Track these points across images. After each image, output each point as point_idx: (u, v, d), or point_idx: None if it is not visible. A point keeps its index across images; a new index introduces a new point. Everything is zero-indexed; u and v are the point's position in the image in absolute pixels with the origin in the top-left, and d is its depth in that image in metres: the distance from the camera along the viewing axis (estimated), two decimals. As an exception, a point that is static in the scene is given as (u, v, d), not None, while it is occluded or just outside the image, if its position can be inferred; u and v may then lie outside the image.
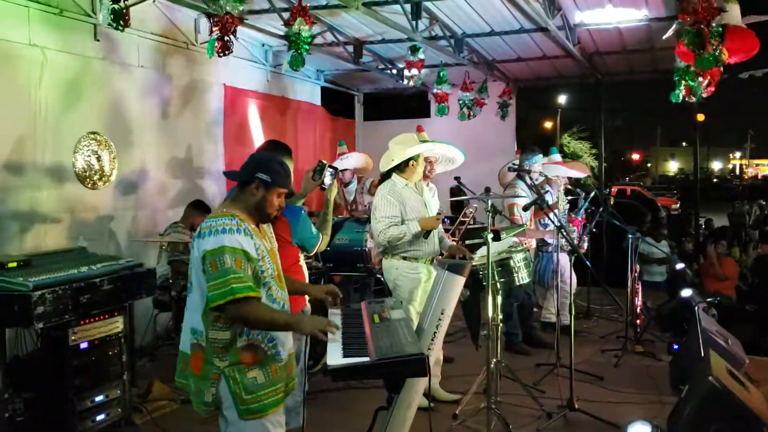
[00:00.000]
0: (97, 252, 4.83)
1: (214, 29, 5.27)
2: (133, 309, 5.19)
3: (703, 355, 4.60)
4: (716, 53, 4.96)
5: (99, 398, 4.19)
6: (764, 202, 23.38)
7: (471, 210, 7.63)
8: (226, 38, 5.27)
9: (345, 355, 2.66)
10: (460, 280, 3.48)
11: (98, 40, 6.00)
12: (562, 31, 7.21)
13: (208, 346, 2.73)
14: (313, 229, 3.82)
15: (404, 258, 4.94)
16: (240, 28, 5.45)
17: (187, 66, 7.20)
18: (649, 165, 76.11)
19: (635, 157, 71.91)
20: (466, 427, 4.48)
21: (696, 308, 5.47)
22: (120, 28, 5.21)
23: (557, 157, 7.16)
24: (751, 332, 9.01)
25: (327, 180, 3.96)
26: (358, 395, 5.06)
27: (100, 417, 4.19)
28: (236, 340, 2.72)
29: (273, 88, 8.72)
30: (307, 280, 3.78)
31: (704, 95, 6.00)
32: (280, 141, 4.05)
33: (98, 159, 5.61)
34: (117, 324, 4.35)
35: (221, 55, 5.39)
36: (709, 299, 6.66)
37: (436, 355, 4.91)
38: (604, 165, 11.98)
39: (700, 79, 5.71)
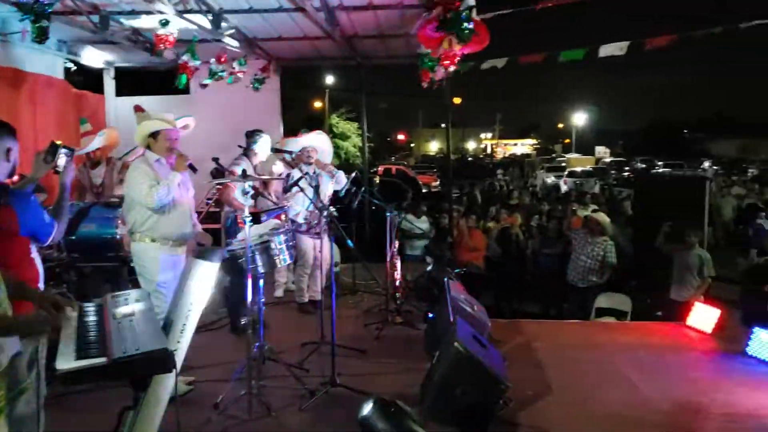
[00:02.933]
0: None
1: None
2: None
3: (451, 322, 4.95)
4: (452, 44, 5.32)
5: None
6: (505, 176, 25.94)
7: None
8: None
9: (78, 357, 2.42)
10: (212, 267, 3.36)
11: None
12: (320, 12, 7.25)
13: None
14: (46, 217, 3.42)
15: (153, 240, 4.73)
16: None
17: None
18: (412, 145, 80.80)
19: (400, 137, 75.92)
20: (228, 415, 4.38)
21: (445, 279, 5.88)
22: None
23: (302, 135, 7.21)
24: (493, 298, 9.97)
25: (61, 162, 3.57)
26: (108, 395, 4.71)
27: None
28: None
29: (1, 59, 7.72)
30: (42, 275, 3.38)
31: (439, 80, 6.38)
32: (-2, 119, 3.55)
33: None
34: None
35: None
36: (457, 270, 7.20)
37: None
38: (370, 145, 12.23)
39: (441, 66, 6.06)
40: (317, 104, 31.73)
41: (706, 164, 51.29)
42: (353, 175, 7.38)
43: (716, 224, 16.98)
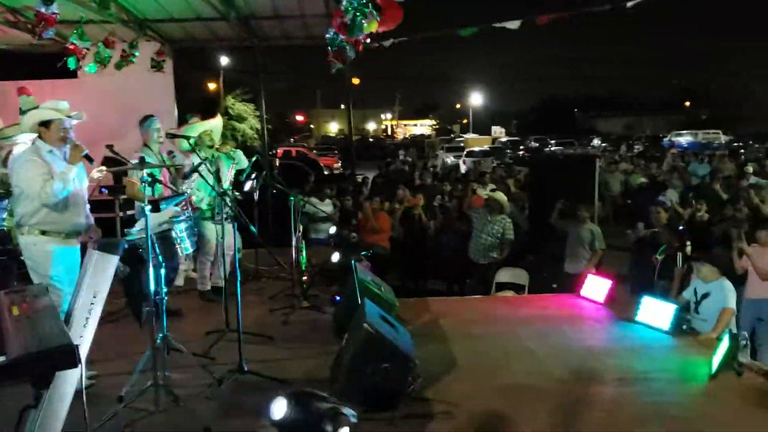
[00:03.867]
0: None
1: None
2: None
3: (360, 303, 4.99)
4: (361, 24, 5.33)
5: None
6: (407, 157, 26.24)
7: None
8: None
9: (-27, 358, 2.29)
10: (112, 260, 3.25)
11: None
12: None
13: None
14: None
15: (43, 233, 4.51)
16: None
17: None
18: (312, 126, 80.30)
19: (299, 118, 75.20)
20: (133, 408, 4.24)
21: (353, 261, 5.91)
22: None
23: (195, 119, 7.03)
24: (399, 278, 10.11)
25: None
26: (2, 394, 4.48)
27: None
28: None
29: None
30: None
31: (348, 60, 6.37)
32: None
33: None
34: None
35: None
36: (363, 252, 7.25)
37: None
38: (268, 127, 12.06)
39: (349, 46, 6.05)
40: (212, 86, 30.84)
41: (596, 141, 53.78)
42: (253, 158, 7.27)
43: (605, 199, 17.86)
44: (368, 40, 6.13)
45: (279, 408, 2.92)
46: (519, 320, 6.43)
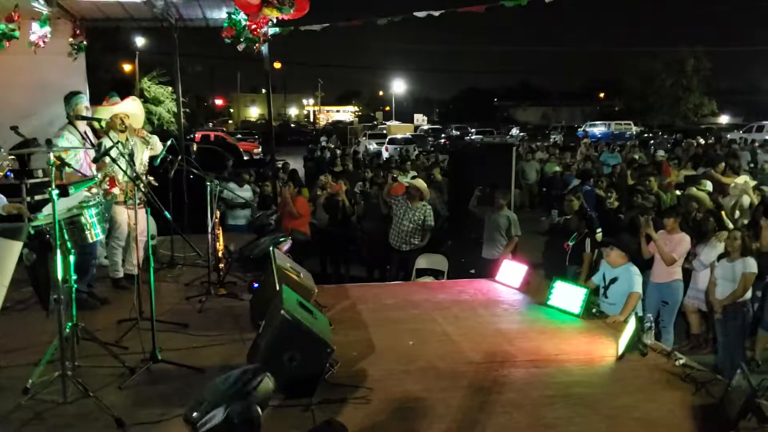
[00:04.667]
0: None
1: None
2: None
3: (277, 290, 4.95)
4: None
5: None
6: (329, 143, 26.16)
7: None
8: None
9: None
10: (15, 246, 3.10)
11: None
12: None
13: None
14: None
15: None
16: None
17: None
18: (231, 110, 78.79)
19: (218, 102, 73.60)
20: (39, 400, 4.08)
21: (271, 247, 5.85)
22: None
23: (116, 99, 6.77)
24: (320, 264, 10.10)
25: None
26: None
27: None
28: None
29: None
30: None
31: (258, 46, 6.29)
32: None
33: None
34: None
35: None
36: (282, 237, 7.19)
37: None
38: (186, 111, 11.72)
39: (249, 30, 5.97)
40: (127, 67, 29.73)
41: (514, 131, 55.11)
42: (169, 142, 7.07)
43: (522, 187, 18.34)
44: (267, 28, 6.06)
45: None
46: (436, 305, 6.53)
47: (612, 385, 4.64)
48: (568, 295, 6.33)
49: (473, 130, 49.81)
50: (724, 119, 58.38)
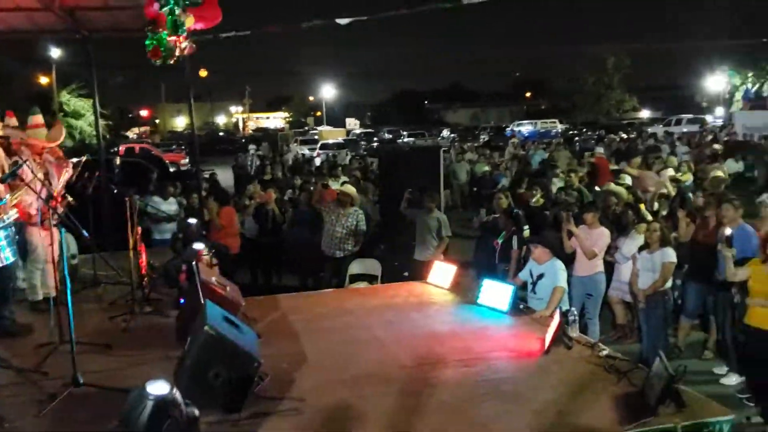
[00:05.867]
0: None
1: None
2: None
3: (201, 305, 4.84)
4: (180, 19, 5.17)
5: None
6: (258, 151, 25.78)
7: None
8: None
9: None
10: None
11: None
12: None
13: None
14: None
15: None
16: None
17: None
18: (157, 121, 77.11)
19: (143, 113, 71.91)
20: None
21: (194, 262, 5.73)
22: None
23: (39, 119, 6.51)
24: (250, 276, 9.97)
25: None
26: None
27: None
28: None
29: None
30: None
31: (180, 56, 6.17)
32: None
33: None
34: None
35: None
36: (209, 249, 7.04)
37: None
38: (109, 123, 11.42)
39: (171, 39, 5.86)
40: (44, 79, 28.60)
41: (445, 132, 55.80)
42: (82, 159, 6.84)
43: (453, 188, 18.57)
44: (184, 43, 5.96)
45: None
46: (369, 311, 6.52)
47: (539, 379, 4.72)
48: (496, 293, 6.41)
49: (405, 132, 50.16)
50: (645, 114, 60.65)
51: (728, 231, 6.06)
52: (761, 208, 7.29)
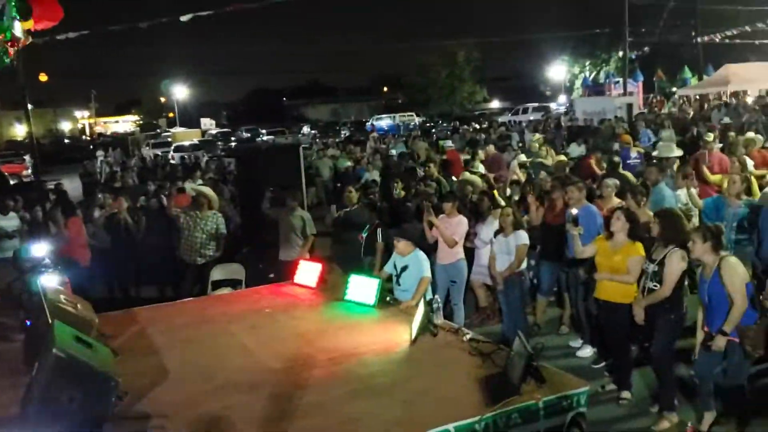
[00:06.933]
0: None
1: None
2: None
3: (49, 326, 4.50)
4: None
5: None
6: (107, 157, 24.56)
7: None
8: None
9: None
10: None
11: None
12: None
13: None
14: None
15: None
16: None
17: None
18: (-6, 131, 71.20)
19: (-23, 122, 66.12)
20: None
21: (40, 281, 5.32)
22: None
23: None
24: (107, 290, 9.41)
25: None
26: None
27: None
28: None
29: None
30: None
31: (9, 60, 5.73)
32: None
33: None
34: None
35: None
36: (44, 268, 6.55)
37: None
38: None
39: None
40: None
41: (306, 129, 55.58)
42: None
43: (317, 184, 18.54)
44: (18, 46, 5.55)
45: None
46: (233, 317, 6.33)
47: (407, 369, 4.79)
48: (362, 288, 6.43)
49: (264, 131, 49.40)
50: (495, 104, 63.57)
51: (574, 211, 6.45)
52: (604, 188, 7.79)
